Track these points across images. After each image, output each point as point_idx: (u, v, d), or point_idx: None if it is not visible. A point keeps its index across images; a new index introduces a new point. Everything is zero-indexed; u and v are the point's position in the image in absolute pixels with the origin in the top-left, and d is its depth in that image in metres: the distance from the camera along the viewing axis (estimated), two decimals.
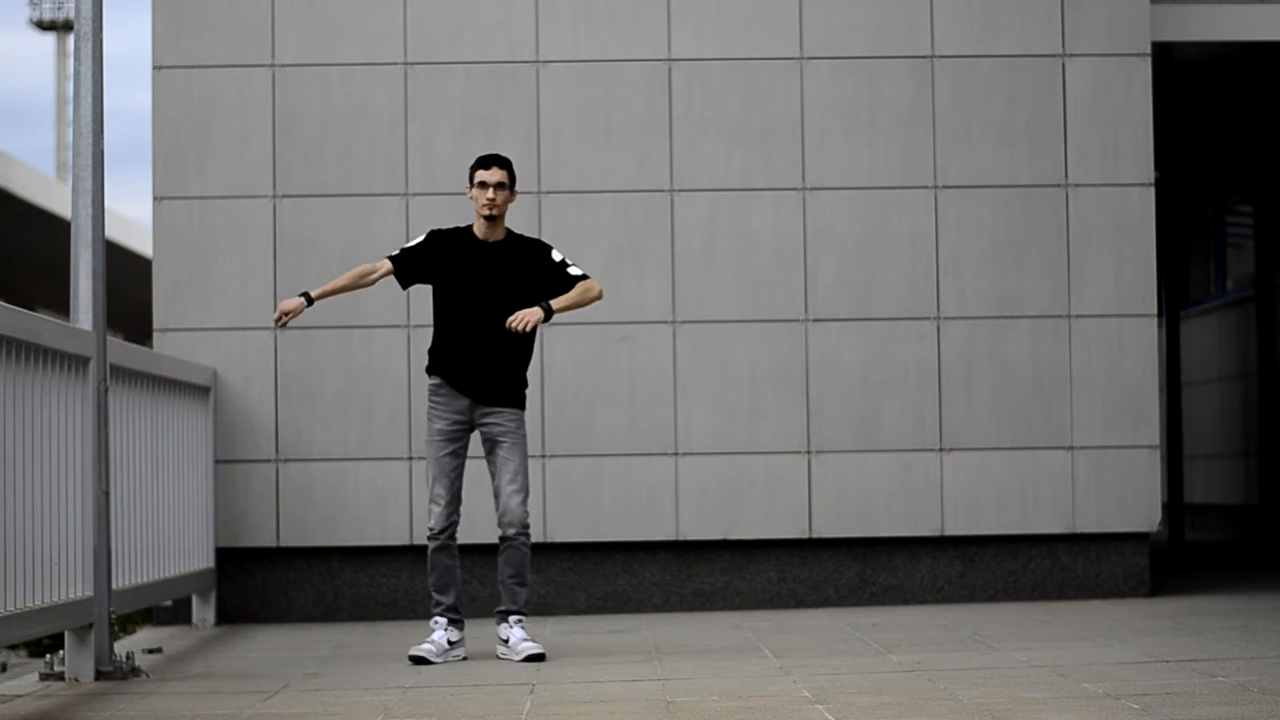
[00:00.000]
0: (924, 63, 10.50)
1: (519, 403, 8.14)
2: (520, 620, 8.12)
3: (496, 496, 8.08)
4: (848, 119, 10.49)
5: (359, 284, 8.23)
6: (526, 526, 8.07)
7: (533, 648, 7.98)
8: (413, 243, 8.24)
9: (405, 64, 10.44)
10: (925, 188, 10.48)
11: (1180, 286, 17.18)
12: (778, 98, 10.48)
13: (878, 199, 10.47)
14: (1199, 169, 16.90)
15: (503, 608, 8.16)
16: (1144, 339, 10.49)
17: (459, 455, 8.11)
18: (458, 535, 8.19)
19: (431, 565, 8.14)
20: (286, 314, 8.04)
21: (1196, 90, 13.61)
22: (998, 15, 10.52)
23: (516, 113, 10.44)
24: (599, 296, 8.21)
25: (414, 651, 7.98)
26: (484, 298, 8.06)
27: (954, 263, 10.46)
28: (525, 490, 8.07)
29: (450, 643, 8.08)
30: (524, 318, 7.92)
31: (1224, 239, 17.11)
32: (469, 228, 8.19)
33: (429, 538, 8.12)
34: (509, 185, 8.10)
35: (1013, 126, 10.50)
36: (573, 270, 8.18)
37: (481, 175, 8.08)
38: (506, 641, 8.09)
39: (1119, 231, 10.47)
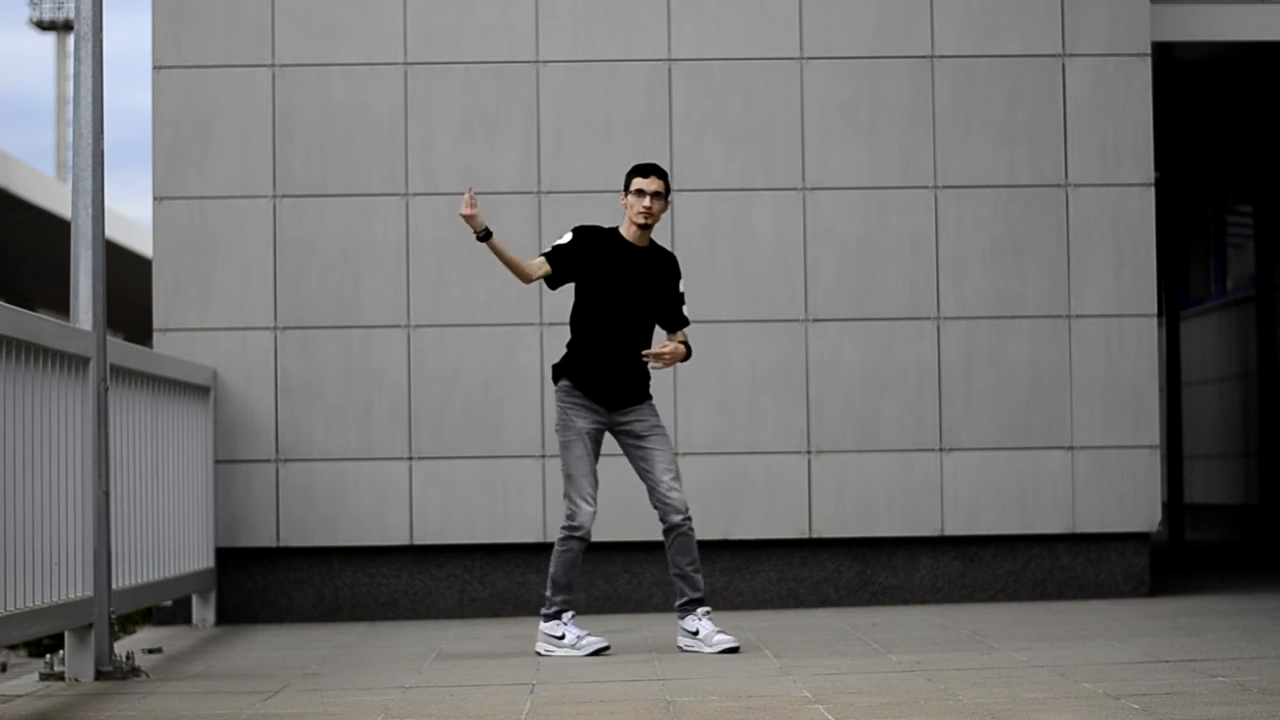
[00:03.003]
0: (924, 63, 10.50)
1: (649, 395, 8.22)
2: (709, 611, 8.15)
3: (654, 489, 8.08)
4: (847, 119, 10.49)
5: (515, 270, 8.06)
6: (690, 512, 8.10)
7: (728, 640, 8.02)
8: (563, 240, 8.16)
9: (405, 64, 10.44)
10: (925, 188, 10.48)
11: (1180, 286, 17.17)
12: (778, 98, 10.48)
13: (877, 199, 10.47)
14: (1199, 169, 16.90)
15: (688, 598, 8.13)
16: (1144, 339, 10.48)
17: (597, 455, 8.12)
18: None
19: (570, 563, 8.08)
20: (473, 211, 7.86)
21: (1196, 90, 13.61)
22: (998, 15, 10.52)
23: (516, 113, 10.43)
24: (685, 359, 8.31)
25: (594, 645, 8.03)
26: (630, 303, 8.09)
27: (954, 263, 10.46)
28: (680, 476, 8.12)
29: None
30: (664, 356, 8.05)
31: (1224, 239, 17.12)
32: (615, 230, 8.18)
33: (576, 536, 8.03)
34: (665, 195, 8.12)
35: (1013, 126, 10.50)
36: (685, 309, 8.32)
37: (640, 183, 8.08)
38: (696, 634, 8.10)
39: (1119, 231, 10.47)
